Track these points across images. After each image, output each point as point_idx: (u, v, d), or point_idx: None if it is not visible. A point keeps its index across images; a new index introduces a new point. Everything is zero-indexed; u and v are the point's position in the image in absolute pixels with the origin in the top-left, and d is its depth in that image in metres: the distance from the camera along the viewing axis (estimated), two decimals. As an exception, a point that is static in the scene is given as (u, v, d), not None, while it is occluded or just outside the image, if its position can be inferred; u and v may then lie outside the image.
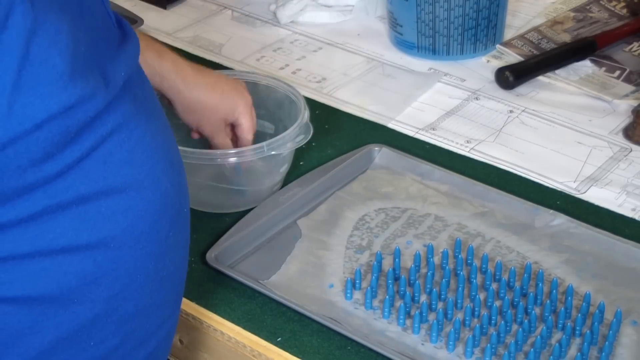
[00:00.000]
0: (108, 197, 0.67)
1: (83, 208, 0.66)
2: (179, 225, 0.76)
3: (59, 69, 0.62)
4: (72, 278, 0.66)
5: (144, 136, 0.71)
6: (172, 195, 0.74)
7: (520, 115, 1.22)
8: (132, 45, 0.73)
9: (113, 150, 0.67)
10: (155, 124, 0.73)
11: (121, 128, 0.68)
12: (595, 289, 0.93)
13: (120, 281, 0.69)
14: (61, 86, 0.62)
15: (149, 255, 0.71)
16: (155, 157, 0.72)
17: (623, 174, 1.10)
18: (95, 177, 0.66)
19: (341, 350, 0.88)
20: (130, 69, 0.71)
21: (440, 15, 1.29)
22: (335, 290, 0.94)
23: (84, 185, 0.65)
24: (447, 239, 1.00)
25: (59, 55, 0.61)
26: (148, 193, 0.70)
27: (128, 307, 0.71)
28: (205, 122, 1.02)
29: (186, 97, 1.00)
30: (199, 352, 0.95)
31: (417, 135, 1.18)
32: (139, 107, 0.71)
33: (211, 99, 1.01)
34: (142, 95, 0.73)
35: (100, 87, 0.65)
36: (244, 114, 1.03)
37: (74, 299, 0.67)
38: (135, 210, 0.69)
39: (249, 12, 1.49)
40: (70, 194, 0.65)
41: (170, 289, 0.77)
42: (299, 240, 1.00)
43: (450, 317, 0.90)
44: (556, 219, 1.02)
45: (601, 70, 1.29)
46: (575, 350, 0.87)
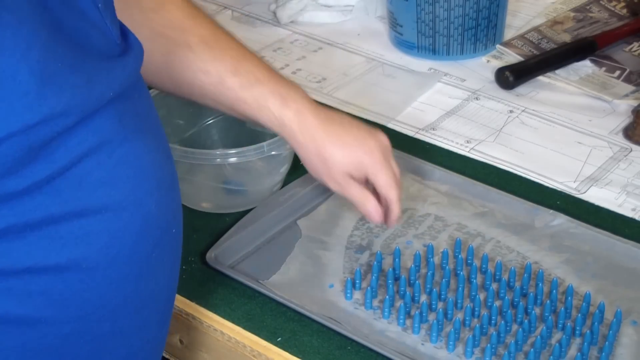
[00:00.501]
0: (81, 218, 0.65)
1: (53, 228, 0.64)
2: (165, 246, 0.73)
3: (25, 86, 0.59)
4: (38, 298, 0.65)
5: (129, 154, 0.68)
6: (156, 216, 0.71)
7: (520, 115, 1.22)
8: (131, 59, 0.71)
9: (91, 169, 0.65)
10: (148, 141, 0.71)
11: (102, 147, 0.66)
12: (595, 289, 0.93)
13: (93, 302, 0.68)
14: (25, 104, 0.60)
15: (127, 277, 0.69)
16: (140, 176, 0.69)
17: (623, 174, 1.10)
18: (68, 197, 0.64)
19: (341, 350, 0.88)
20: (125, 83, 0.69)
21: (440, 15, 1.29)
22: (335, 290, 0.94)
23: (55, 205, 0.64)
24: (447, 239, 1.00)
25: (28, 71, 0.60)
26: (127, 214, 0.68)
27: (103, 327, 0.69)
28: (327, 178, 0.93)
29: (305, 149, 0.92)
30: (199, 352, 0.95)
31: (417, 135, 1.18)
32: (128, 123, 0.69)
33: (331, 154, 0.91)
34: (137, 110, 0.71)
35: (76, 103, 0.63)
36: (375, 171, 0.92)
37: (41, 319, 0.66)
38: (112, 231, 0.67)
39: (249, 12, 1.49)
40: (39, 213, 0.63)
41: (154, 310, 0.75)
42: (299, 240, 1.00)
43: (450, 317, 0.90)
44: (556, 219, 1.02)
45: (601, 70, 1.29)
46: (575, 350, 0.87)
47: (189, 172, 1.03)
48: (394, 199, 0.93)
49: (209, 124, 1.13)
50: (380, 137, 0.93)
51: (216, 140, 1.14)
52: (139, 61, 0.73)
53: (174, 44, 0.90)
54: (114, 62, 0.68)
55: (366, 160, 0.92)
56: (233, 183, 1.06)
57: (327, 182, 0.93)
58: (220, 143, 1.13)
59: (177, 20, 0.90)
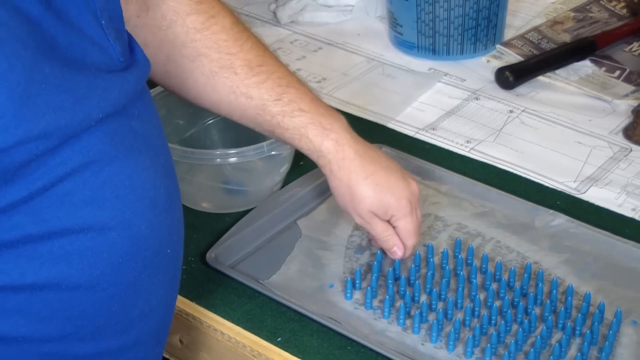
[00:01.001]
0: (62, 237, 0.64)
1: (31, 247, 0.63)
2: (157, 267, 0.72)
3: (1, 108, 0.58)
4: (14, 316, 0.64)
5: (118, 174, 0.67)
6: (147, 237, 0.69)
7: (520, 115, 1.22)
8: (133, 75, 0.70)
9: (74, 189, 0.64)
10: (141, 160, 0.69)
11: (89, 166, 0.65)
12: (595, 289, 0.93)
13: (75, 322, 0.67)
14: (0, 126, 0.59)
15: (112, 298, 0.68)
16: (129, 197, 0.68)
17: (623, 174, 1.10)
18: (47, 216, 0.63)
19: (341, 350, 0.88)
20: (123, 100, 0.68)
21: (440, 15, 1.29)
22: (335, 290, 0.94)
23: (34, 225, 0.62)
24: (447, 239, 1.00)
25: (7, 92, 0.58)
26: (113, 234, 0.67)
27: (87, 348, 0.69)
28: (352, 211, 0.93)
29: (338, 181, 0.92)
30: (199, 352, 0.95)
31: (417, 135, 1.18)
32: (121, 142, 0.67)
33: (361, 192, 0.92)
34: (134, 128, 0.70)
35: (59, 126, 0.62)
36: (399, 217, 0.93)
37: (19, 338, 0.65)
38: (96, 251, 0.66)
39: (249, 12, 1.49)
40: (16, 232, 0.62)
41: (145, 330, 0.73)
42: (299, 240, 1.00)
43: (450, 317, 0.90)
44: (556, 219, 1.02)
45: (601, 70, 1.29)
46: (575, 350, 0.87)
47: (189, 172, 1.03)
48: (410, 246, 0.95)
49: (209, 124, 1.13)
50: (411, 185, 0.94)
51: (216, 140, 1.14)
52: (143, 77, 0.72)
53: (218, 65, 0.90)
54: (112, 79, 0.67)
55: (393, 206, 0.92)
56: (233, 183, 1.06)
57: (352, 214, 0.94)
58: (220, 143, 1.13)
59: (222, 42, 0.90)
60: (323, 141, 0.91)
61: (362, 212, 0.93)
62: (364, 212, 0.93)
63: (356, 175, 0.92)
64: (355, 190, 0.92)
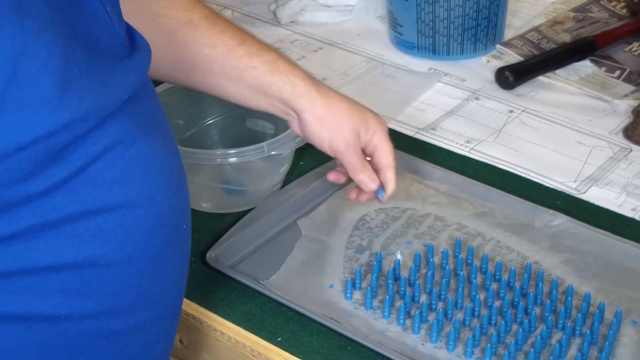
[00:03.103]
0: (98, 216, 0.66)
1: (71, 226, 0.65)
2: (176, 242, 0.74)
3: (47, 92, 0.60)
4: (57, 295, 0.66)
5: (141, 153, 0.69)
6: (168, 212, 0.72)
7: (520, 115, 1.22)
8: (141, 59, 0.72)
9: (105, 169, 0.66)
10: (157, 140, 0.72)
11: (116, 146, 0.67)
12: (595, 289, 0.93)
13: (110, 298, 0.69)
14: (49, 110, 0.61)
15: (141, 273, 0.70)
16: (152, 174, 0.70)
17: (623, 174, 1.10)
18: (84, 196, 0.65)
19: (341, 350, 0.88)
20: (136, 83, 0.70)
21: (440, 15, 1.29)
22: (335, 290, 0.94)
23: (73, 204, 0.65)
24: (447, 239, 1.00)
25: (50, 78, 0.60)
26: (141, 211, 0.69)
27: (120, 323, 0.70)
28: (339, 134, 0.93)
29: (313, 108, 0.92)
30: (199, 352, 0.95)
31: (417, 135, 1.18)
32: (140, 122, 0.70)
33: (345, 105, 0.93)
34: (146, 109, 0.72)
35: (95, 108, 0.64)
36: (380, 132, 0.94)
37: (60, 316, 0.67)
38: (127, 228, 0.68)
39: (249, 12, 1.49)
40: (57, 212, 0.64)
41: (167, 305, 0.76)
42: (299, 240, 1.00)
43: (450, 317, 0.90)
44: (556, 219, 1.02)
45: (601, 70, 1.29)
46: (575, 350, 0.87)
47: (189, 172, 1.02)
48: (392, 165, 0.94)
49: (209, 124, 1.14)
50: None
51: (216, 140, 1.14)
52: (148, 61, 0.73)
53: (177, 22, 0.90)
54: (125, 64, 0.69)
55: (373, 122, 0.93)
56: (233, 183, 1.06)
57: (337, 139, 0.93)
58: (220, 143, 1.13)
59: (178, 1, 0.91)
60: (295, 70, 0.92)
61: (346, 133, 0.92)
62: (347, 132, 0.92)
63: (336, 97, 0.93)
64: (340, 108, 0.92)
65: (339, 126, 0.92)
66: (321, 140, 0.93)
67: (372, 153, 0.94)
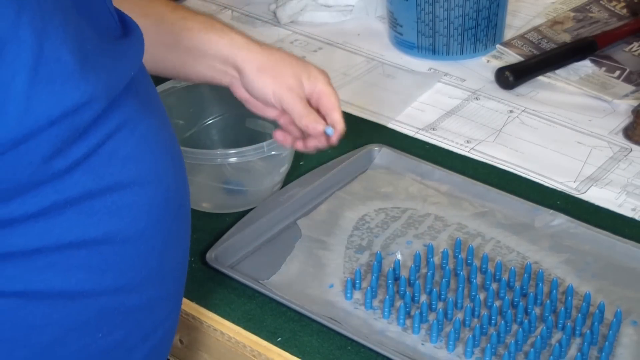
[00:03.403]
0: (114, 192, 0.68)
1: (89, 203, 0.67)
2: (181, 220, 0.77)
3: (70, 67, 0.62)
4: (79, 272, 0.67)
5: (147, 132, 0.71)
6: (174, 190, 0.74)
7: (520, 115, 1.22)
8: (137, 39, 0.73)
9: (118, 146, 0.68)
10: (158, 120, 0.74)
11: (125, 124, 0.69)
12: (595, 289, 0.93)
13: (125, 275, 0.71)
14: (73, 84, 0.63)
15: (152, 250, 0.72)
16: (158, 152, 0.73)
17: (623, 174, 1.10)
18: (101, 173, 0.67)
19: (341, 350, 0.88)
20: (138, 62, 0.72)
21: (440, 15, 1.29)
22: (335, 290, 0.94)
23: (91, 181, 0.66)
24: (447, 239, 1.00)
25: (70, 53, 0.62)
26: (152, 188, 0.71)
27: (133, 299, 0.72)
28: (281, 79, 0.93)
29: (259, 52, 0.94)
30: (199, 352, 0.95)
31: (417, 135, 1.18)
32: (143, 103, 0.72)
33: (285, 54, 0.95)
34: (145, 91, 0.74)
35: (108, 85, 0.66)
36: (322, 80, 0.94)
37: (82, 293, 0.68)
38: (140, 205, 0.70)
39: (249, 12, 1.49)
40: (77, 189, 0.66)
41: (173, 282, 0.77)
42: (299, 240, 1.00)
43: (450, 317, 0.90)
44: (556, 219, 1.02)
45: (601, 70, 1.29)
46: (575, 350, 0.87)
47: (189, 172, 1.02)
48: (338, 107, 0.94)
49: (209, 124, 1.13)
50: None
51: (216, 141, 1.14)
52: (143, 42, 0.75)
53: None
54: (125, 44, 0.71)
55: (314, 70, 0.94)
56: (233, 183, 1.06)
57: (281, 85, 0.93)
58: (220, 143, 1.13)
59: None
60: (230, 28, 0.93)
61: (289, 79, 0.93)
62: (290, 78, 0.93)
63: (274, 47, 0.95)
64: (281, 55, 0.94)
65: (280, 72, 0.93)
66: (264, 89, 0.93)
67: (317, 101, 0.94)
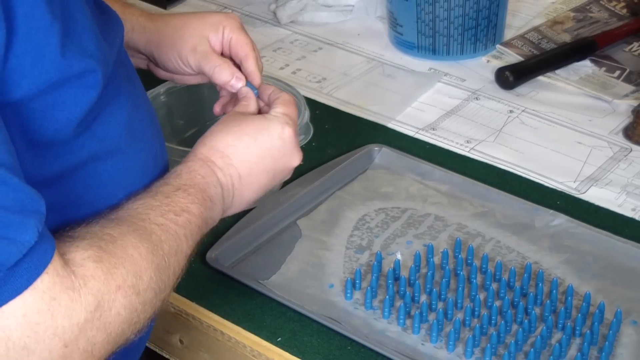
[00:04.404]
0: (113, 157, 0.76)
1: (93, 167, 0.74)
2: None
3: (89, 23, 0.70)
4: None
5: (136, 101, 0.77)
6: (160, 156, 0.81)
7: (520, 115, 1.22)
8: (115, 15, 0.78)
9: (115, 112, 0.75)
10: (142, 90, 0.80)
11: (119, 92, 0.75)
12: (595, 289, 0.93)
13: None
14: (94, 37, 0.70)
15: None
16: (146, 120, 0.79)
17: (623, 174, 1.10)
18: (102, 137, 0.75)
19: (341, 350, 0.88)
20: (120, 36, 0.78)
21: (440, 15, 1.29)
22: (335, 290, 0.94)
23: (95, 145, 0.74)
24: (447, 239, 1.00)
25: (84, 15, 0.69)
26: (144, 154, 0.78)
27: None
28: (181, 44, 0.92)
29: (156, 28, 0.94)
30: (199, 352, 0.95)
31: (417, 135, 1.18)
32: (128, 73, 0.78)
33: (182, 17, 0.95)
34: (128, 62, 0.81)
35: (111, 48, 0.73)
36: (231, 26, 0.93)
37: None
38: (135, 169, 0.77)
39: (249, 12, 1.49)
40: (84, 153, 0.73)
41: None
42: (299, 240, 1.00)
43: (450, 317, 0.90)
44: (556, 219, 1.02)
45: (601, 70, 1.29)
46: (575, 350, 0.87)
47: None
48: (252, 54, 0.93)
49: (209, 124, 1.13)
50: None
51: (216, 140, 1.13)
52: (122, 24, 0.80)
53: None
54: (108, 17, 0.77)
55: (220, 18, 0.93)
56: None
57: (181, 55, 0.93)
58: (220, 143, 1.13)
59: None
60: (132, 14, 0.95)
61: (188, 46, 0.92)
62: (189, 44, 0.92)
63: (171, 14, 0.95)
64: (172, 24, 0.93)
65: (180, 37, 0.92)
66: (170, 61, 0.93)
67: (230, 51, 0.93)
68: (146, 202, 0.75)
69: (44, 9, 0.66)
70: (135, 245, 0.70)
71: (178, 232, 0.75)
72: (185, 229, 0.76)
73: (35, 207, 0.63)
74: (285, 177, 0.90)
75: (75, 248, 0.67)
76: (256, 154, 0.85)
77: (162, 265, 0.72)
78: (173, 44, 0.92)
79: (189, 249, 0.77)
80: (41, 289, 0.62)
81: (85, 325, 0.65)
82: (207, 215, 0.80)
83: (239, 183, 0.84)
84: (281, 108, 0.88)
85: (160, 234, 0.73)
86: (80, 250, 0.67)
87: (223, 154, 0.84)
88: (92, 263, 0.66)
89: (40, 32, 0.66)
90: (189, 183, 0.79)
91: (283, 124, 0.86)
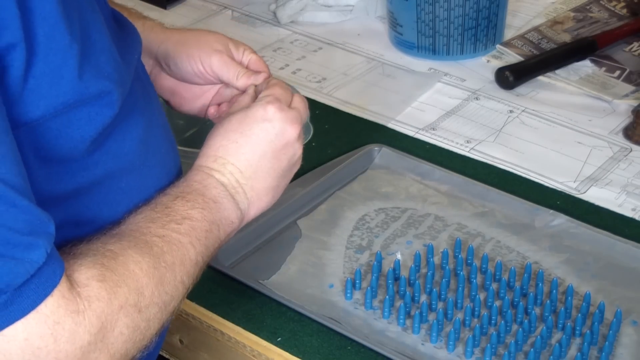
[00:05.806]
0: (128, 174, 0.76)
1: (109, 184, 0.75)
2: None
3: (109, 52, 0.70)
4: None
5: (151, 116, 0.77)
6: (174, 174, 0.81)
7: (520, 115, 1.22)
8: (133, 29, 0.77)
9: (130, 128, 0.75)
10: (157, 106, 0.80)
11: (135, 107, 0.75)
12: (595, 289, 0.93)
13: None
14: (114, 66, 0.70)
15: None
16: (160, 137, 0.79)
17: (623, 174, 1.10)
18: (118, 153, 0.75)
19: (341, 350, 0.88)
20: (138, 51, 0.76)
21: (440, 15, 1.29)
22: (335, 290, 0.94)
23: (110, 162, 0.74)
24: (447, 239, 1.00)
25: (105, 41, 0.70)
26: (157, 170, 0.78)
27: None
28: (206, 46, 0.93)
29: (176, 31, 0.96)
30: (199, 352, 0.95)
31: (417, 135, 1.18)
32: (144, 88, 0.77)
33: (205, 30, 0.97)
34: (145, 77, 0.80)
35: (128, 68, 0.73)
36: (249, 50, 0.95)
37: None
38: (148, 186, 0.77)
39: (249, 12, 1.49)
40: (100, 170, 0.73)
41: None
42: (299, 240, 1.00)
43: (450, 317, 0.90)
44: (556, 219, 1.02)
45: (601, 70, 1.29)
46: (575, 350, 0.87)
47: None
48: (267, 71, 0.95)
49: (209, 124, 1.13)
50: None
51: (216, 140, 1.13)
52: (139, 37, 0.79)
53: None
54: (125, 31, 0.76)
55: (239, 43, 0.95)
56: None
57: (203, 58, 0.93)
58: (220, 143, 1.13)
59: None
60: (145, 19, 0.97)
61: (212, 48, 0.93)
62: (213, 47, 0.93)
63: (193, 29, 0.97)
64: (193, 30, 0.95)
65: (203, 40, 0.93)
66: (190, 59, 0.93)
67: (247, 67, 0.94)
68: (147, 215, 0.75)
69: (63, 29, 0.65)
70: (136, 261, 0.70)
71: (182, 240, 0.75)
72: (189, 236, 0.76)
73: (44, 228, 0.63)
74: (296, 153, 0.88)
75: (79, 267, 0.66)
76: (247, 145, 0.85)
77: (166, 277, 0.72)
78: (196, 45, 0.93)
79: (198, 255, 0.76)
80: (45, 312, 0.62)
81: (89, 347, 0.65)
82: (214, 217, 0.79)
83: (243, 177, 0.84)
84: (264, 93, 0.89)
85: (162, 246, 0.73)
86: (83, 268, 0.66)
87: (215, 156, 0.84)
88: (96, 282, 0.66)
89: (60, 53, 0.66)
90: (186, 190, 0.79)
91: (264, 105, 0.86)
